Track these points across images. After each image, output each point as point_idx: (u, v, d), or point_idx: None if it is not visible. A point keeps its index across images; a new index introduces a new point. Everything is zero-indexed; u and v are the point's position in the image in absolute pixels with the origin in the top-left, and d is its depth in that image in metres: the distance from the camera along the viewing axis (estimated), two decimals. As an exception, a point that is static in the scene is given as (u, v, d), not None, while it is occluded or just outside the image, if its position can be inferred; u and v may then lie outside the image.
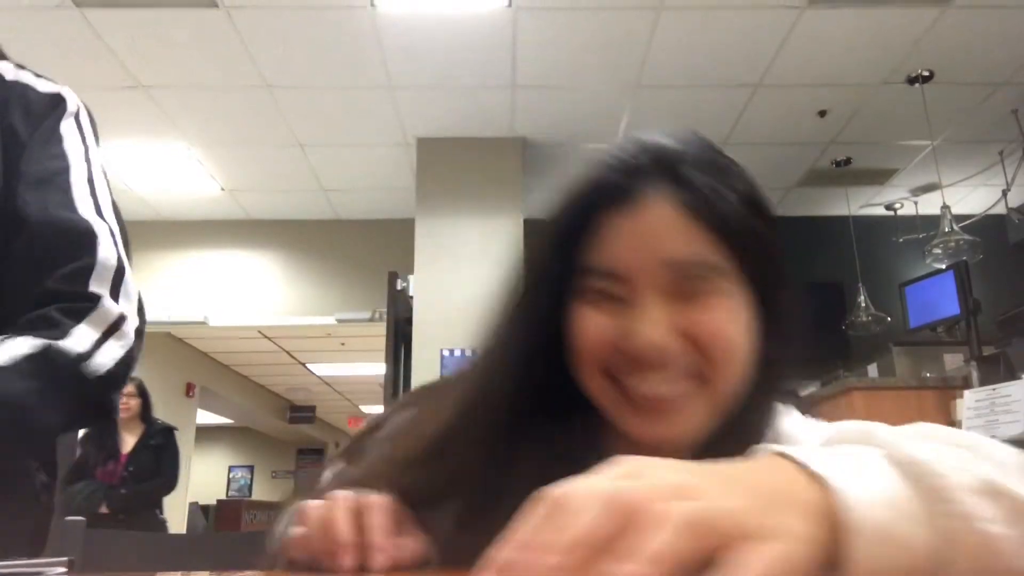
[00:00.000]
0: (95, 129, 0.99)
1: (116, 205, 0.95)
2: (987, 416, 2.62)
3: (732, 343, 0.57)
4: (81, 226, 0.86)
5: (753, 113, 4.18)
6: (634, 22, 3.42)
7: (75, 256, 0.84)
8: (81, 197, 0.89)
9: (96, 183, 0.92)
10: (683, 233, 0.57)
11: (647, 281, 0.57)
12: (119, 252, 0.88)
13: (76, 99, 0.97)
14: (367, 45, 3.57)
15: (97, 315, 0.83)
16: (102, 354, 0.82)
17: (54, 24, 3.34)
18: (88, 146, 0.95)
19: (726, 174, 0.62)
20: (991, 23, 3.45)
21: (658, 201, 0.57)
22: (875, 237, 5.15)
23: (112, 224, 0.90)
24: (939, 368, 3.37)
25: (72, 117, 0.95)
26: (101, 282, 0.84)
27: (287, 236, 5.51)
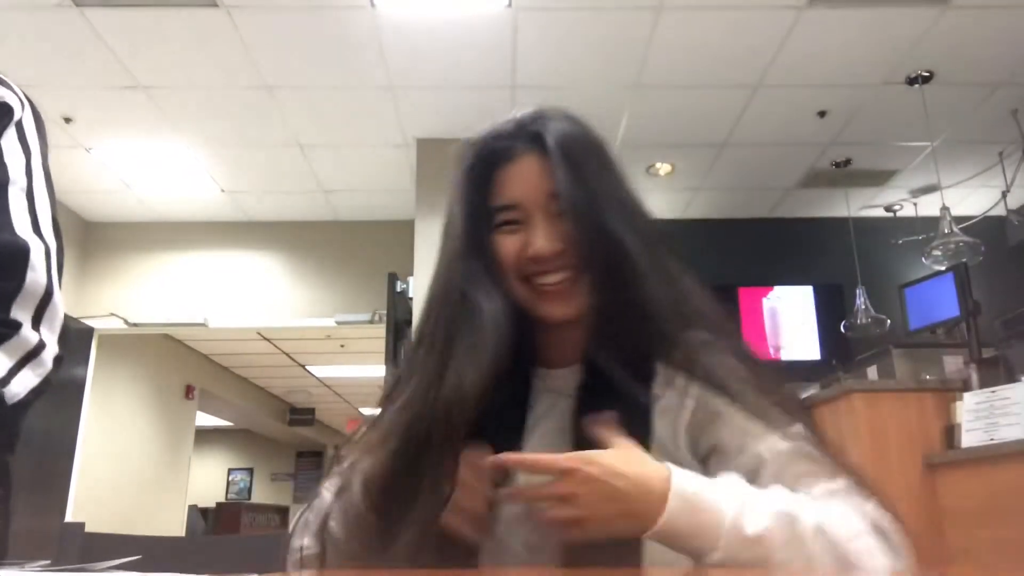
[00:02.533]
0: (40, 123, 0.96)
1: (56, 219, 0.92)
2: (987, 419, 2.61)
3: None
4: (13, 246, 0.84)
5: (752, 114, 4.18)
6: (634, 23, 3.42)
7: (2, 278, 0.82)
8: (18, 213, 0.86)
9: (36, 196, 0.90)
10: (550, 175, 0.84)
11: (535, 208, 0.85)
12: (50, 275, 0.85)
13: (20, 99, 0.94)
14: (367, 46, 3.57)
15: (15, 343, 0.81)
16: (16, 383, 0.80)
17: (54, 24, 3.33)
18: (31, 154, 0.92)
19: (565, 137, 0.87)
20: (991, 23, 3.45)
21: (530, 153, 0.86)
22: (875, 239, 5.15)
23: (49, 241, 0.88)
24: (939, 370, 3.37)
25: (14, 126, 0.91)
26: (24, 308, 0.82)
27: (287, 237, 5.51)
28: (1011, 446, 2.46)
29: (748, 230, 5.41)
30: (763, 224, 5.45)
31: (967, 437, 2.65)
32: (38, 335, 0.83)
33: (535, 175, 0.85)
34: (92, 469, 5.51)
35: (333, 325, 5.31)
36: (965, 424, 2.67)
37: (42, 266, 0.85)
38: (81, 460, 5.26)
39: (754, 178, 4.96)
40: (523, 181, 0.86)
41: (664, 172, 4.81)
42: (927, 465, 2.77)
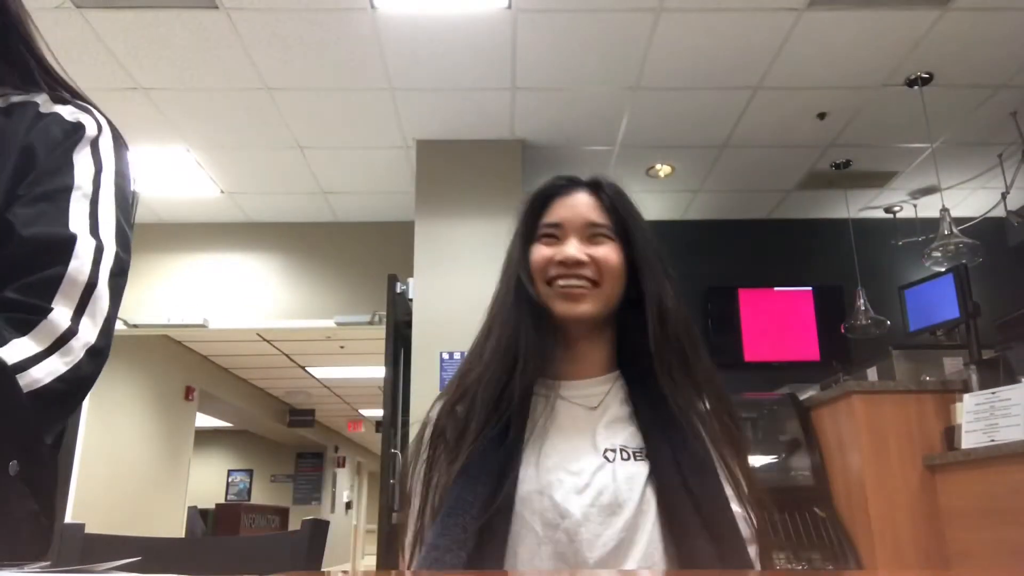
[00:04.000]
0: (119, 145, 1.00)
1: (126, 231, 0.93)
2: (987, 420, 2.61)
3: (611, 265, 1.02)
4: (62, 236, 0.84)
5: (752, 115, 4.18)
6: (633, 24, 3.42)
7: (46, 266, 0.82)
8: (77, 214, 0.87)
9: (101, 203, 0.91)
10: (593, 209, 1.05)
11: (572, 229, 1.04)
12: (96, 269, 0.85)
13: (99, 123, 0.99)
14: (367, 47, 3.57)
15: (42, 328, 0.79)
16: (39, 369, 0.78)
17: (54, 25, 3.34)
18: (101, 168, 0.94)
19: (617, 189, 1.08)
20: (990, 25, 3.45)
21: (582, 193, 1.07)
22: (874, 240, 5.15)
23: (106, 243, 0.88)
24: (939, 372, 3.37)
25: (88, 143, 0.96)
26: (64, 296, 0.82)
27: (286, 238, 5.51)
28: (1011, 447, 2.46)
29: (748, 231, 5.41)
30: (763, 225, 5.45)
31: (967, 438, 2.65)
32: (70, 323, 0.82)
33: (581, 205, 1.05)
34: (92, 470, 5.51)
35: (333, 326, 5.31)
36: (965, 425, 2.67)
37: (88, 258, 0.85)
38: (81, 461, 5.26)
39: (754, 179, 4.97)
40: (570, 207, 1.05)
41: (664, 173, 4.82)
42: (927, 466, 2.77)
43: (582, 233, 1.03)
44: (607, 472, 0.93)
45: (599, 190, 1.07)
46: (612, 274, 1.01)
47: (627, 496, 0.91)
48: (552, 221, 1.05)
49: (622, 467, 0.94)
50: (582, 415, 1.00)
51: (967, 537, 2.60)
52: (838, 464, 2.96)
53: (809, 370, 4.70)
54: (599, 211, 1.05)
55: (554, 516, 0.90)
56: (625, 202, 1.06)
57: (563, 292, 1.00)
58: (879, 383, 3.23)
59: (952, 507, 2.68)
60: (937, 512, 2.71)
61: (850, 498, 2.85)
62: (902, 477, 2.75)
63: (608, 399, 1.01)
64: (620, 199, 1.06)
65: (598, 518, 0.89)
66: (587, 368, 1.04)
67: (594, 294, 1.00)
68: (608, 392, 1.02)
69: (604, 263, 1.01)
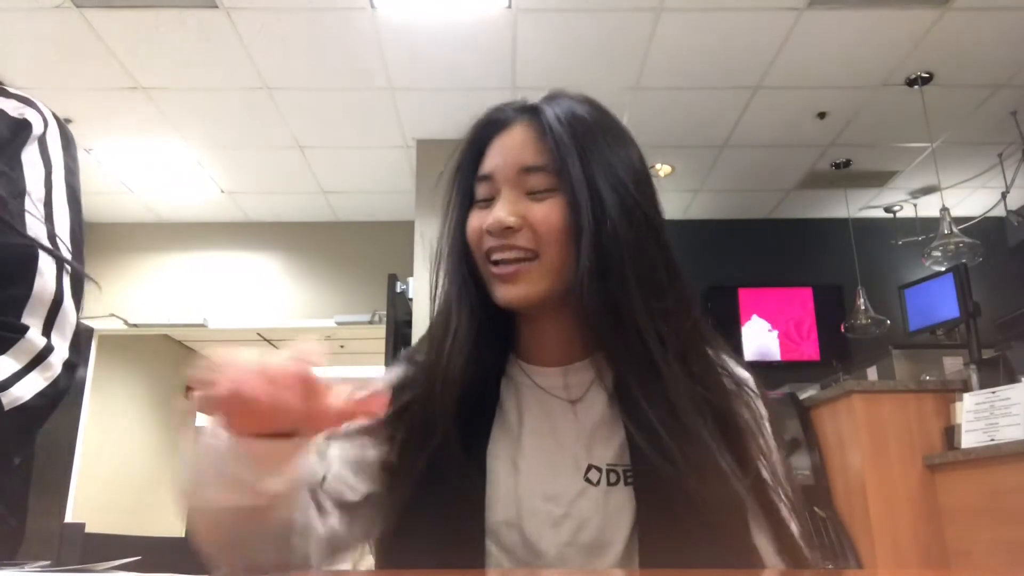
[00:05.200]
0: (67, 140, 0.98)
1: (77, 228, 0.93)
2: (987, 419, 2.61)
3: (551, 225, 0.76)
4: (24, 253, 0.84)
5: (752, 115, 4.18)
6: (634, 24, 3.42)
7: (11, 283, 0.83)
8: (33, 222, 0.87)
9: (54, 205, 0.91)
10: (530, 146, 0.78)
11: (506, 181, 0.78)
12: (60, 284, 0.86)
13: (45, 117, 0.96)
14: (367, 47, 3.57)
15: (21, 346, 0.81)
16: (21, 386, 0.80)
17: (54, 25, 3.33)
18: (52, 167, 0.94)
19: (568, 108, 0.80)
20: (990, 25, 3.45)
21: (519, 127, 0.80)
22: (874, 239, 5.15)
23: (64, 250, 0.89)
24: (939, 371, 3.37)
25: (36, 141, 0.94)
26: (33, 313, 0.83)
27: (287, 238, 5.50)
28: (1011, 447, 2.46)
29: (748, 231, 5.41)
30: (763, 225, 5.45)
31: (967, 438, 2.65)
32: (46, 339, 0.83)
33: (516, 143, 0.79)
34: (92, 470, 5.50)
35: (333, 326, 5.31)
36: (965, 425, 2.67)
37: (51, 273, 0.86)
38: (81, 460, 5.26)
39: (754, 179, 4.96)
40: (501, 151, 0.80)
41: (664, 173, 4.82)
42: (927, 466, 2.77)
43: (516, 185, 0.78)
44: (590, 500, 0.75)
45: (540, 116, 0.79)
46: (554, 237, 0.76)
47: (612, 535, 0.73)
48: (483, 173, 0.81)
49: (608, 495, 0.75)
50: (559, 412, 0.80)
51: (967, 536, 2.60)
52: (838, 463, 2.96)
53: (809, 369, 4.70)
54: (537, 148, 0.78)
55: (525, 554, 0.73)
56: (579, 124, 0.78)
57: (496, 273, 0.77)
58: (879, 382, 3.23)
59: (952, 506, 2.68)
60: (937, 511, 2.71)
61: (850, 497, 2.85)
62: (902, 476, 2.75)
63: (592, 393, 0.80)
64: (572, 122, 0.78)
65: (577, 559, 0.73)
66: (561, 352, 0.81)
67: (534, 269, 0.76)
68: (592, 383, 0.80)
69: (541, 225, 0.76)
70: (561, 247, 0.76)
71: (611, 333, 0.75)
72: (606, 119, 0.82)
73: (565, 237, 0.76)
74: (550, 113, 0.79)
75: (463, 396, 0.75)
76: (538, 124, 0.79)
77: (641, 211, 0.77)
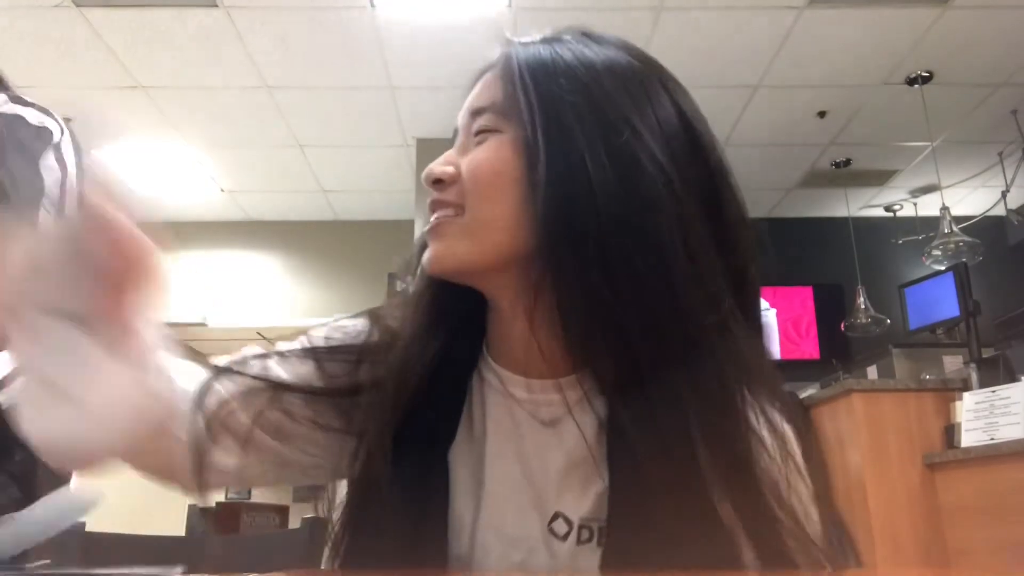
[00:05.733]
0: (78, 149, 1.02)
1: None
2: (987, 418, 2.61)
3: (482, 176, 0.60)
4: None
5: (752, 114, 4.18)
6: (633, 23, 3.42)
7: None
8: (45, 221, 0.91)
9: (67, 209, 0.95)
10: (489, 88, 0.64)
11: (462, 130, 0.65)
12: None
13: (60, 128, 1.01)
14: (367, 46, 3.57)
15: None
16: None
17: (53, 24, 3.33)
18: (66, 172, 0.98)
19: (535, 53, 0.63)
20: (991, 24, 3.45)
21: (489, 72, 0.66)
22: (875, 238, 5.15)
23: None
24: (939, 370, 3.37)
25: (52, 149, 0.98)
26: None
27: (286, 237, 5.50)
28: (1011, 446, 2.46)
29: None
30: (763, 224, 5.45)
31: (967, 437, 2.65)
32: None
33: (479, 88, 0.66)
34: (92, 469, 5.50)
35: (333, 325, 5.30)
36: (965, 424, 2.67)
37: None
38: (81, 460, 5.26)
39: (754, 178, 4.96)
40: (467, 100, 0.67)
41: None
42: (927, 465, 2.77)
43: (467, 132, 0.65)
44: (553, 557, 0.59)
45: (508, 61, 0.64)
46: (481, 184, 0.60)
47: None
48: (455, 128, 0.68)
49: (577, 555, 0.59)
50: (531, 434, 0.62)
51: (967, 535, 2.61)
52: (838, 462, 2.96)
53: (809, 368, 4.69)
54: (492, 88, 0.64)
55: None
56: (552, 60, 0.61)
57: (426, 231, 0.63)
58: (879, 381, 3.24)
59: (952, 505, 2.68)
60: (937, 510, 2.71)
61: (850, 496, 2.85)
62: (902, 475, 2.76)
63: (573, 418, 0.61)
64: (544, 58, 0.62)
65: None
66: (533, 360, 0.61)
67: (455, 227, 0.60)
68: (575, 404, 0.61)
69: (465, 173, 0.61)
70: (490, 196, 0.59)
71: (587, 340, 0.56)
72: (613, 61, 0.63)
73: (497, 184, 0.59)
74: (521, 51, 0.64)
75: (427, 390, 0.62)
76: (503, 62, 0.64)
77: (644, 171, 0.56)
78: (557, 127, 0.57)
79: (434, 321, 0.64)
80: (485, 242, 0.59)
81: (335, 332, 0.69)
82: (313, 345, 0.67)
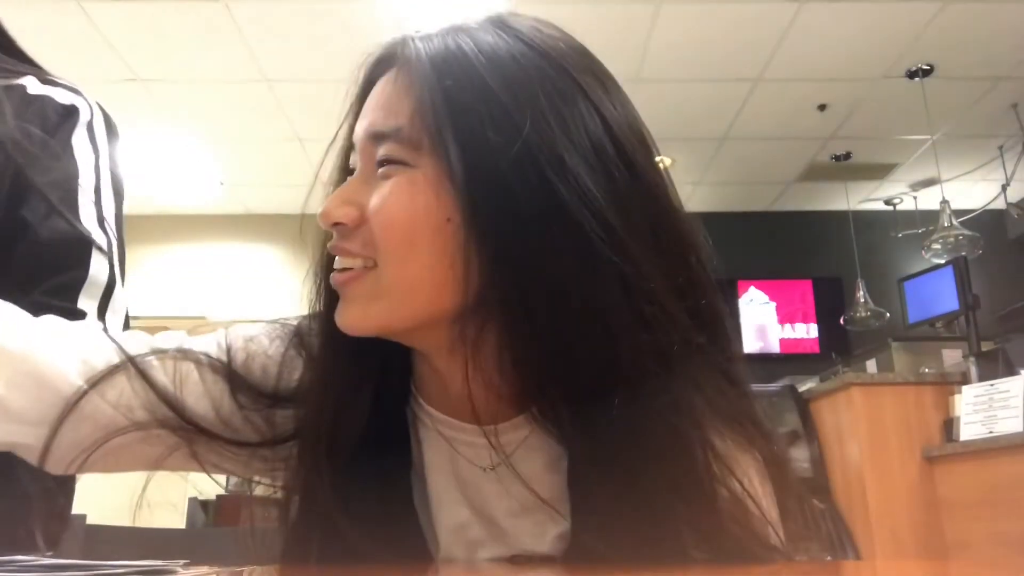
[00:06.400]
0: (111, 130, 1.02)
1: (121, 216, 0.96)
2: (985, 412, 2.62)
3: (396, 228, 0.51)
4: (78, 236, 0.86)
5: (753, 107, 4.17)
6: (634, 16, 3.41)
7: (67, 267, 0.84)
8: (85, 206, 0.90)
9: (102, 193, 0.93)
10: (391, 106, 0.54)
11: (361, 154, 0.56)
12: (112, 267, 0.88)
13: (91, 106, 0.99)
14: (366, 39, 3.53)
15: None
16: None
17: (53, 16, 3.32)
18: (99, 154, 0.97)
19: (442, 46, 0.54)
20: (991, 17, 3.44)
21: (387, 77, 0.56)
22: (874, 232, 5.15)
23: (111, 236, 0.91)
24: (938, 364, 3.38)
25: (84, 126, 0.96)
26: (89, 298, 0.85)
27: (286, 230, 5.50)
28: (1010, 439, 2.47)
29: (748, 223, 5.41)
30: (763, 217, 5.45)
31: (966, 430, 2.66)
32: (102, 324, 0.85)
33: (375, 102, 0.56)
34: (92, 462, 5.52)
35: (333, 318, 5.31)
36: (964, 417, 2.68)
37: (104, 260, 0.88)
38: (81, 453, 5.27)
39: (754, 172, 4.96)
40: (364, 113, 0.57)
41: (664, 166, 4.80)
42: (926, 458, 2.77)
43: (368, 158, 0.56)
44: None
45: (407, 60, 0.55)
46: (394, 240, 0.51)
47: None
48: (350, 143, 0.61)
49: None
50: (472, 477, 0.58)
51: (965, 528, 2.61)
52: (837, 456, 2.96)
53: (808, 362, 4.71)
54: (396, 106, 0.53)
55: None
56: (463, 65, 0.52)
57: (333, 282, 0.56)
58: (878, 375, 3.24)
59: (950, 498, 2.69)
60: (935, 503, 2.72)
61: (849, 489, 2.85)
62: (901, 469, 2.76)
63: (522, 454, 0.55)
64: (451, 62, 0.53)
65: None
66: (468, 409, 0.54)
67: (368, 286, 0.52)
68: (521, 443, 0.55)
69: (374, 221, 0.52)
70: (408, 250, 0.51)
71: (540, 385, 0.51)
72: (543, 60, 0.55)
73: (414, 235, 0.51)
74: (426, 49, 0.54)
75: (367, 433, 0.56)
76: (407, 71, 0.54)
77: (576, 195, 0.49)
78: (482, 164, 0.49)
79: (363, 364, 0.57)
80: (404, 305, 0.52)
81: (252, 351, 0.61)
82: (231, 364, 0.59)
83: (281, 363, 0.60)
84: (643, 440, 0.50)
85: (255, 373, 0.59)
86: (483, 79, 0.51)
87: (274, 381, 0.59)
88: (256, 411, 0.58)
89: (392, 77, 0.55)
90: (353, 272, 0.53)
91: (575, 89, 0.55)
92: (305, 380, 0.59)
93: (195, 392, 0.58)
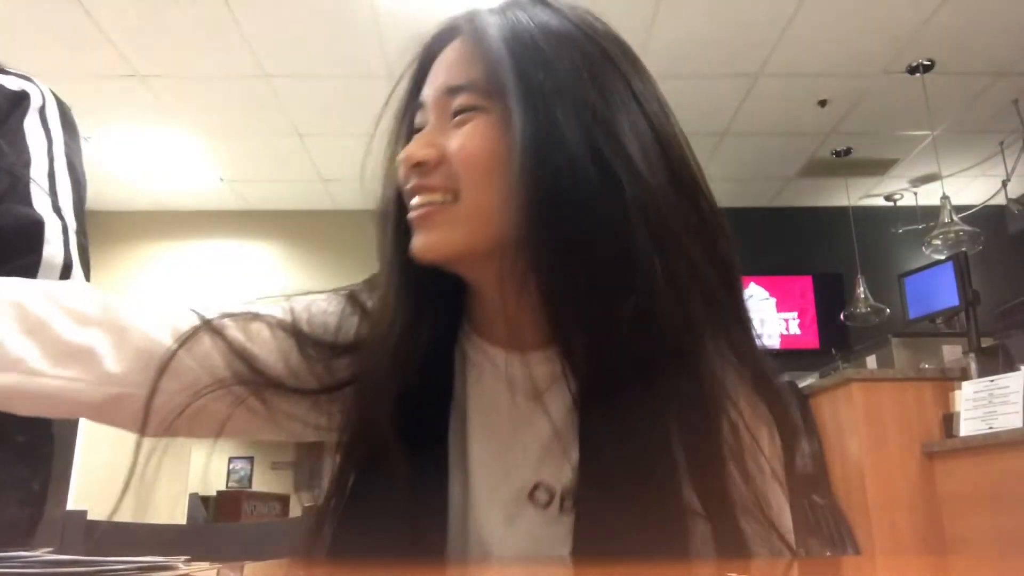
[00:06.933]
0: (66, 118, 1.00)
1: (81, 200, 0.94)
2: (985, 407, 2.62)
3: (479, 161, 0.59)
4: (30, 220, 0.86)
5: (753, 103, 4.17)
6: (634, 11, 3.41)
7: (20, 252, 0.84)
8: (37, 192, 0.89)
9: (57, 178, 0.92)
10: (464, 64, 0.62)
11: (434, 108, 0.63)
12: (68, 250, 0.87)
13: (43, 92, 0.98)
14: (366, 35, 3.55)
15: None
16: None
17: (52, 12, 3.32)
18: (52, 140, 0.95)
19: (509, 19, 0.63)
20: (992, 12, 3.43)
21: (457, 42, 0.64)
22: (875, 228, 5.14)
23: (68, 220, 0.90)
24: (938, 359, 3.38)
25: (36, 112, 0.95)
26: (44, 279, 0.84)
27: (286, 226, 5.50)
28: (1009, 435, 2.47)
29: (748, 219, 5.40)
30: (763, 213, 5.44)
31: (965, 426, 2.66)
32: None
33: (448, 62, 0.64)
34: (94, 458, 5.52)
35: (333, 314, 5.31)
36: (964, 413, 2.68)
37: (59, 240, 0.87)
38: (82, 448, 5.27)
39: (754, 167, 4.95)
40: (436, 71, 0.65)
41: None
42: (925, 454, 2.78)
43: (443, 110, 0.63)
44: (526, 524, 0.62)
45: (479, 27, 0.63)
46: (475, 169, 0.59)
47: None
48: (420, 101, 0.66)
49: (557, 522, 0.61)
50: (512, 406, 0.64)
51: (964, 524, 2.62)
52: (837, 451, 2.97)
53: (808, 358, 4.70)
54: (468, 64, 0.62)
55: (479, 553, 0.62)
56: (528, 32, 0.61)
57: (411, 219, 0.62)
58: (878, 371, 3.24)
59: (950, 494, 2.69)
60: (935, 499, 2.72)
61: (849, 485, 2.86)
62: (900, 464, 2.77)
63: (555, 392, 0.62)
64: (519, 30, 0.61)
65: None
66: (514, 333, 0.63)
67: (449, 212, 0.60)
68: (555, 379, 0.61)
69: (456, 154, 0.60)
70: (487, 182, 0.59)
71: (562, 319, 0.58)
72: (584, 35, 0.65)
73: (492, 169, 0.59)
74: (492, 20, 0.62)
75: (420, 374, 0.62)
76: (475, 35, 0.62)
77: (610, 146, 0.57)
78: (543, 108, 0.57)
79: (420, 305, 0.64)
80: (479, 231, 0.60)
81: (314, 311, 0.70)
82: (296, 323, 0.68)
83: (340, 318, 0.68)
84: (661, 390, 0.56)
85: (317, 329, 0.67)
86: (537, 44, 0.60)
87: (334, 333, 0.67)
88: (320, 361, 0.65)
89: (458, 45, 0.64)
90: (433, 206, 0.60)
91: (606, 59, 0.65)
92: (363, 331, 0.66)
93: (267, 347, 0.67)
